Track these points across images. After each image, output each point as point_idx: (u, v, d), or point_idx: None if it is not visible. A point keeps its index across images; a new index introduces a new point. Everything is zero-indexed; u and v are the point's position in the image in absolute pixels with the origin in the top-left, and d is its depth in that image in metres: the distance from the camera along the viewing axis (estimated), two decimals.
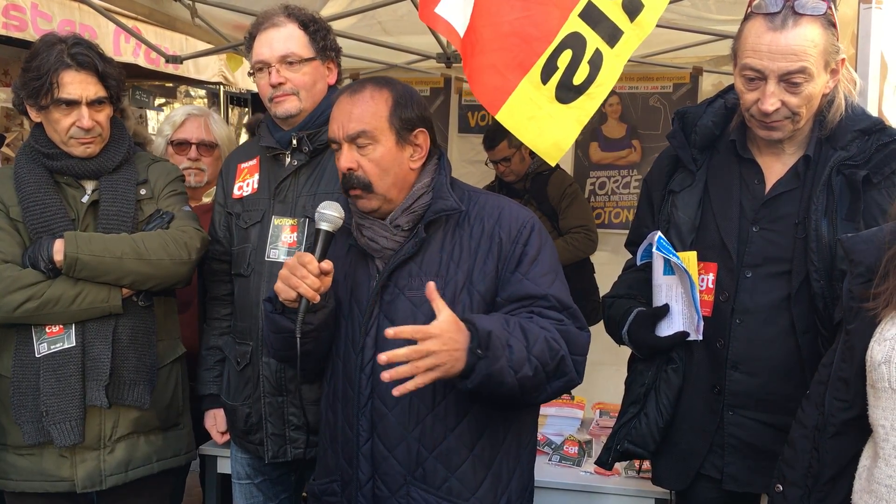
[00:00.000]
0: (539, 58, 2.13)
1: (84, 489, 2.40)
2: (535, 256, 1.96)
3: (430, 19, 2.18)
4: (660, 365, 2.18)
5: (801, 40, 1.91)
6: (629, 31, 2.15)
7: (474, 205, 2.02)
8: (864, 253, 1.68)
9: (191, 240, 2.44)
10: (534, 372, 1.83)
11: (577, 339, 1.93)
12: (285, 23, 2.44)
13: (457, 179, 2.10)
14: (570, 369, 1.91)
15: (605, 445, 2.30)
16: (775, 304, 2.00)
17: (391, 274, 1.98)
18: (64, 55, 2.31)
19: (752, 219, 2.06)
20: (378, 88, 1.97)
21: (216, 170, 3.20)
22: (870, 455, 1.62)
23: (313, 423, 2.42)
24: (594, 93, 2.16)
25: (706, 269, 2.10)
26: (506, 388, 1.81)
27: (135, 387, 2.42)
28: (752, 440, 2.05)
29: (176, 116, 3.35)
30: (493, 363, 1.77)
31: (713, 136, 2.16)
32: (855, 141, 1.98)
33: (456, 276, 1.95)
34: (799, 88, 1.94)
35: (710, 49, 4.81)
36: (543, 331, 1.87)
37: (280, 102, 2.44)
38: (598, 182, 5.48)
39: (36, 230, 2.33)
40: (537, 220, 2.03)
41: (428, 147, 2.00)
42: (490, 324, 1.81)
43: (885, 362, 1.54)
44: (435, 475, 1.94)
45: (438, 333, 1.74)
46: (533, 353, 1.83)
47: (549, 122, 2.16)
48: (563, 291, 1.98)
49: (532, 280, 1.94)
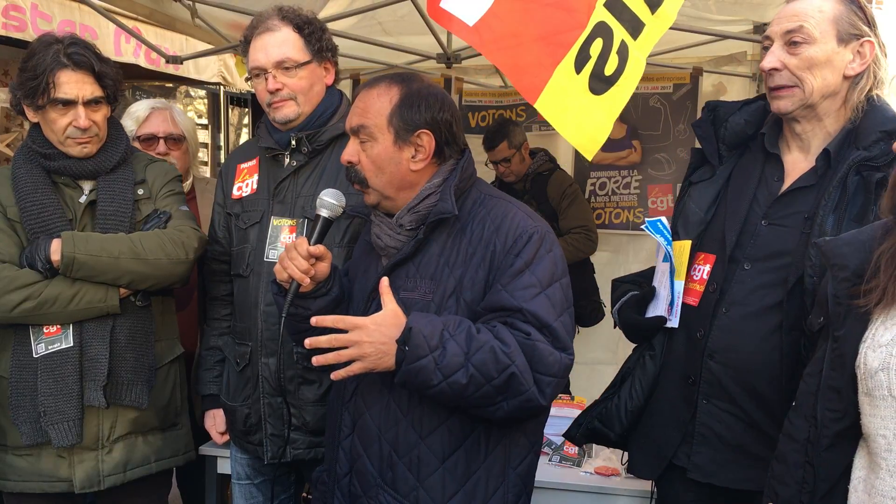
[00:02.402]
0: (573, 45, 2.03)
1: (82, 489, 2.40)
2: (522, 268, 1.85)
3: (438, 15, 2.11)
4: (641, 351, 2.20)
5: (807, 5, 1.96)
6: (650, 24, 2.12)
7: (482, 209, 1.95)
8: (847, 256, 1.63)
9: (188, 239, 2.44)
10: (469, 380, 1.75)
11: (545, 358, 1.81)
12: (280, 27, 2.42)
13: (482, 182, 2.05)
14: (527, 388, 1.79)
15: (576, 420, 2.31)
16: (768, 298, 1.99)
17: (390, 272, 1.97)
18: (60, 55, 2.30)
19: (764, 213, 2.04)
20: (389, 85, 1.95)
21: (185, 163, 3.18)
22: (865, 465, 1.56)
23: (312, 423, 2.42)
24: (624, 84, 2.09)
25: (705, 260, 2.10)
26: (435, 390, 1.77)
27: (133, 387, 2.42)
28: (722, 431, 2.04)
29: (139, 111, 3.18)
30: (413, 360, 1.74)
31: (745, 135, 2.15)
32: (879, 142, 1.95)
33: (447, 282, 1.90)
34: (798, 49, 1.96)
35: (710, 49, 4.81)
36: (496, 342, 1.78)
37: (278, 108, 2.43)
38: (599, 182, 5.48)
39: (33, 230, 2.33)
40: (542, 231, 1.91)
41: (432, 149, 1.94)
42: (422, 322, 1.77)
43: (882, 369, 1.48)
44: (405, 482, 1.90)
45: (362, 325, 1.76)
46: (472, 360, 1.76)
47: (585, 114, 2.07)
48: (544, 307, 1.84)
49: (510, 292, 1.84)
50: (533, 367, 1.80)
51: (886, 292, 1.53)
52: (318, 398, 2.42)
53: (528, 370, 1.80)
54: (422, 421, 1.89)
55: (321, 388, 2.42)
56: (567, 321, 1.89)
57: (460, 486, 1.89)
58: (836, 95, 1.99)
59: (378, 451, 1.93)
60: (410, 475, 1.89)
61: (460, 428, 1.89)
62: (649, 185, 5.35)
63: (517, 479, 1.96)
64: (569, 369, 1.86)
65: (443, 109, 1.94)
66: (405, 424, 1.90)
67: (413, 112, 1.91)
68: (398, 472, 1.90)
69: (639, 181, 5.39)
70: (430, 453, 1.88)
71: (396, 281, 1.95)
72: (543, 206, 4.67)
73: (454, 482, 1.88)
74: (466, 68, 5.42)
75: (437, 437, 1.89)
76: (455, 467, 1.89)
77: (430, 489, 1.88)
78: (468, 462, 1.90)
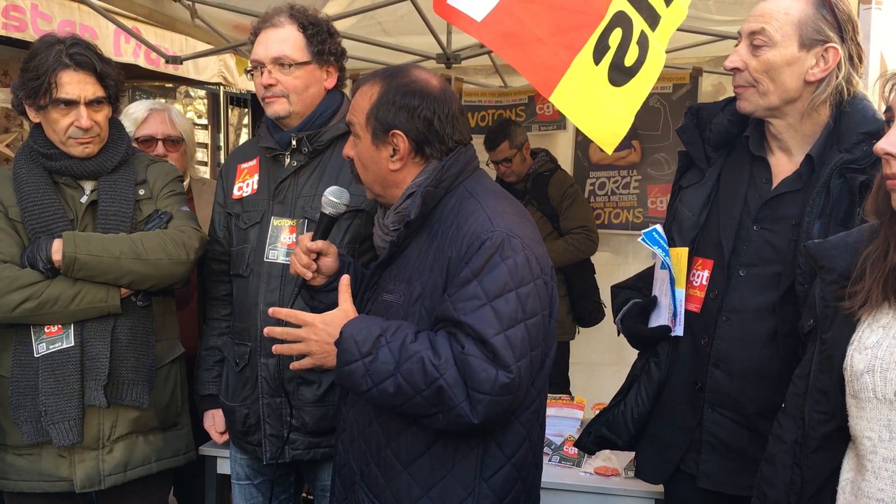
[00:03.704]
0: (591, 36, 1.97)
1: (83, 489, 2.40)
2: (469, 278, 1.74)
3: (446, 12, 2.06)
4: (647, 358, 2.20)
5: (774, 6, 1.95)
6: (666, 16, 2.10)
7: (456, 211, 1.86)
8: (836, 258, 1.63)
9: (189, 240, 2.44)
10: (396, 389, 1.73)
11: (477, 374, 1.70)
12: (285, 24, 2.44)
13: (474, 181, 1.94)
14: (456, 403, 1.71)
15: (585, 429, 2.32)
16: (763, 305, 1.99)
17: (380, 274, 1.98)
18: (62, 55, 2.31)
19: (755, 217, 2.04)
20: (373, 83, 1.92)
21: (183, 165, 3.18)
22: (852, 467, 1.56)
23: (311, 424, 2.43)
24: (645, 76, 2.04)
25: (703, 266, 2.10)
26: (366, 395, 1.79)
27: (134, 387, 2.42)
28: (728, 440, 2.04)
29: (137, 112, 3.15)
30: (343, 364, 1.78)
31: (730, 134, 2.14)
32: (861, 144, 1.93)
33: (415, 287, 1.85)
34: (759, 52, 1.95)
35: (710, 49, 4.81)
36: (429, 352, 1.72)
37: (270, 103, 2.44)
38: (598, 182, 5.49)
39: (35, 230, 2.33)
40: (498, 237, 1.76)
41: (407, 149, 1.87)
42: (358, 326, 1.79)
43: (868, 371, 1.48)
44: (376, 481, 1.91)
45: (311, 322, 1.83)
46: (401, 370, 1.73)
47: (605, 106, 2.01)
48: (484, 321, 1.70)
49: (453, 303, 1.74)
50: (466, 383, 1.71)
51: (871, 295, 1.53)
52: (317, 399, 2.42)
53: (459, 384, 1.71)
54: (388, 424, 1.89)
55: (320, 388, 2.42)
56: (517, 334, 1.73)
57: (424, 493, 1.85)
58: (798, 100, 1.97)
59: (359, 449, 1.96)
60: (380, 476, 1.90)
61: (424, 434, 1.85)
62: (649, 185, 5.35)
63: (489, 490, 1.85)
64: (507, 388, 1.71)
65: (422, 107, 1.86)
66: (375, 426, 1.91)
67: (387, 111, 1.86)
68: (371, 471, 1.92)
69: (638, 181, 5.39)
70: (394, 457, 1.88)
71: (381, 282, 1.96)
72: (544, 206, 4.68)
73: (419, 488, 1.85)
74: (466, 68, 5.42)
75: (402, 441, 1.87)
76: (419, 472, 1.86)
77: (397, 491, 1.88)
78: (434, 470, 1.85)
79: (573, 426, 3.13)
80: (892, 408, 1.46)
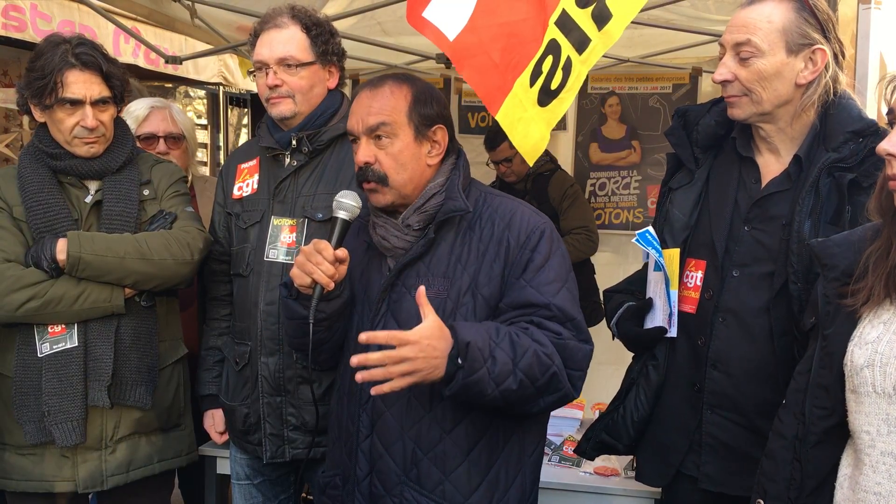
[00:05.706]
0: (530, 61, 2.15)
1: (85, 489, 2.40)
2: (542, 263, 1.92)
3: (418, 23, 2.16)
4: (644, 361, 2.20)
5: (756, 15, 1.94)
6: (596, 40, 2.20)
7: (487, 207, 2.00)
8: (838, 256, 1.65)
9: (193, 240, 2.44)
10: (518, 385, 1.80)
11: (575, 354, 1.89)
12: (288, 24, 2.44)
13: (476, 181, 2.09)
14: (564, 385, 1.88)
15: (585, 435, 2.33)
16: (758, 305, 2.00)
17: (400, 273, 1.98)
18: (68, 55, 2.31)
19: (745, 217, 2.05)
20: (398, 84, 1.98)
21: (184, 162, 3.18)
22: (850, 462, 1.58)
23: (311, 423, 2.43)
24: (564, 97, 2.23)
25: (696, 267, 2.11)
26: (487, 398, 1.80)
27: (136, 387, 2.42)
28: (728, 441, 2.05)
29: (138, 110, 3.13)
30: (470, 374, 1.76)
31: (717, 135, 2.15)
32: (848, 143, 1.95)
33: (462, 279, 1.93)
34: (748, 62, 1.95)
35: (709, 49, 4.81)
36: (535, 344, 1.83)
37: (275, 104, 2.44)
38: (599, 183, 5.49)
39: (39, 230, 2.33)
40: (550, 227, 1.99)
41: (446, 144, 2.00)
42: (473, 333, 1.77)
43: (868, 366, 1.50)
44: (429, 477, 1.93)
45: (415, 340, 1.72)
46: (519, 366, 1.80)
47: (532, 124, 2.20)
48: (567, 301, 1.92)
49: (535, 287, 1.90)
50: (566, 365, 1.87)
51: (874, 292, 1.55)
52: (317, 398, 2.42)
53: (563, 368, 1.87)
54: (445, 416, 1.92)
55: (321, 387, 2.42)
56: (581, 312, 1.97)
57: (483, 477, 1.94)
58: (789, 103, 1.99)
59: (401, 450, 1.94)
60: (436, 470, 1.92)
61: (481, 421, 1.93)
62: (649, 185, 5.36)
63: (532, 466, 2.04)
64: (590, 358, 1.94)
65: (445, 106, 2.03)
66: (428, 421, 1.93)
67: (428, 107, 1.97)
68: (422, 467, 1.93)
69: (638, 181, 5.40)
70: (455, 447, 1.92)
71: (407, 281, 1.97)
72: (544, 206, 4.67)
73: (478, 474, 1.93)
74: None
75: (460, 430, 1.93)
76: (479, 459, 1.94)
77: (456, 482, 1.92)
78: (490, 453, 1.95)
79: (573, 426, 3.13)
80: (890, 402, 1.48)
